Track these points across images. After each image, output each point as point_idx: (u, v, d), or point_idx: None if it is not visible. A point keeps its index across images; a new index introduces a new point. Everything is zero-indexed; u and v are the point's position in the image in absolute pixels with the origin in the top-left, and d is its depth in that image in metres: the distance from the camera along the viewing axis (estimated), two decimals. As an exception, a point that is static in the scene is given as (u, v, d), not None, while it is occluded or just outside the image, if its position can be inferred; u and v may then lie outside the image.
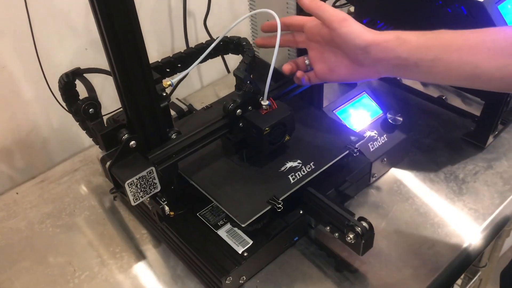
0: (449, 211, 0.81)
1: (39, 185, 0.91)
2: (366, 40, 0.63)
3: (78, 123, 0.79)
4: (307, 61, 0.74)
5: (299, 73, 0.75)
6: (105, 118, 0.77)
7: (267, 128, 0.68)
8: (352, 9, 1.28)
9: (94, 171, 0.93)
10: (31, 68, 0.93)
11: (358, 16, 1.01)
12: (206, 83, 1.20)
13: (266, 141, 0.70)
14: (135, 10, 0.58)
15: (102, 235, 0.81)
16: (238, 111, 0.70)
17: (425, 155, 0.91)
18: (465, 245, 0.75)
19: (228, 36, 0.77)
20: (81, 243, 0.80)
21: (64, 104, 0.77)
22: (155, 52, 1.11)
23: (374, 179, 0.86)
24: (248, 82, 0.69)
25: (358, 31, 0.64)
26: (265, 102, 0.70)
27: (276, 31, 0.69)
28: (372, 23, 0.99)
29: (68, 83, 0.76)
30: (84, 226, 0.82)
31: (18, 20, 0.88)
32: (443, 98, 0.96)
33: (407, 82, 1.03)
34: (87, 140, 0.99)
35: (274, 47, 0.72)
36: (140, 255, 0.77)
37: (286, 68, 0.75)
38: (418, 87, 1.01)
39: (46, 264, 0.77)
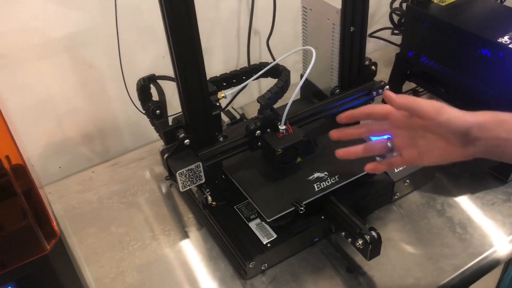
0: (459, 235, 0.89)
1: (111, 168, 1.09)
2: (467, 122, 0.63)
3: (149, 119, 0.95)
4: (389, 145, 0.72)
5: (374, 166, 0.76)
6: (172, 117, 0.92)
7: (279, 150, 0.81)
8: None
9: (157, 161, 1.10)
10: (116, 69, 1.11)
11: (404, 48, 1.11)
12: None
13: (278, 160, 0.82)
14: (199, 38, 0.73)
15: (157, 214, 0.97)
16: (258, 132, 0.82)
17: (449, 181, 0.99)
18: (465, 267, 0.84)
19: (279, 64, 0.90)
20: (139, 218, 0.96)
21: (137, 104, 0.94)
22: (222, 64, 1.26)
23: (396, 197, 0.96)
24: (269, 109, 0.81)
25: (457, 116, 0.63)
26: (282, 127, 0.82)
27: (355, 120, 0.75)
28: (417, 56, 1.08)
29: (144, 86, 0.93)
30: (143, 205, 0.99)
31: (111, 28, 1.06)
32: (475, 132, 1.04)
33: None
34: (155, 135, 1.15)
35: (350, 139, 0.76)
36: (185, 235, 0.92)
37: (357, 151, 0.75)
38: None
39: (108, 232, 0.94)
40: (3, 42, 0.98)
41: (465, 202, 0.95)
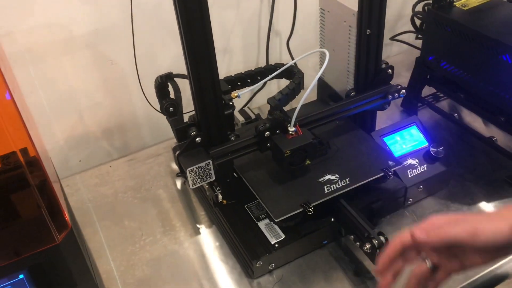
0: (472, 242, 0.87)
1: (128, 163, 1.11)
2: (505, 234, 0.58)
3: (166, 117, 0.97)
4: (429, 265, 0.64)
5: None
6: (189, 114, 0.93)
7: (288, 151, 0.80)
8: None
9: (173, 158, 1.11)
10: (138, 67, 1.13)
11: (425, 52, 1.09)
12: (282, 96, 1.34)
13: (286, 162, 0.82)
14: (212, 37, 0.74)
15: (169, 210, 0.98)
16: (267, 133, 0.82)
17: (464, 189, 0.97)
18: (476, 277, 0.82)
19: (294, 66, 0.90)
20: (152, 214, 0.98)
21: (154, 100, 0.96)
22: (242, 64, 1.27)
23: (409, 203, 0.95)
24: (279, 111, 0.81)
25: (494, 232, 0.59)
26: (291, 128, 0.82)
27: (393, 260, 0.65)
28: (437, 60, 1.07)
29: (161, 83, 0.94)
30: (156, 201, 1.00)
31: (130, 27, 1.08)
32: (494, 139, 1.02)
33: (466, 120, 1.10)
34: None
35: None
36: (195, 232, 0.94)
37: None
38: (476, 126, 1.07)
39: (121, 226, 0.95)
40: (29, 37, 1.01)
41: (480, 210, 0.93)
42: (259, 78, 0.92)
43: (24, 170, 0.67)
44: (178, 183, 1.04)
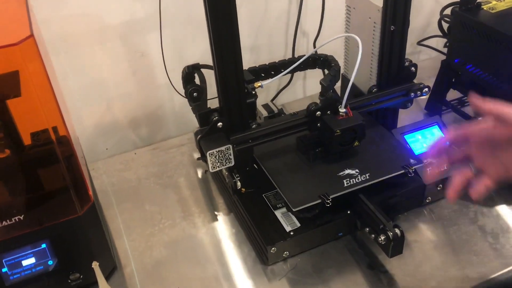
0: (490, 244, 0.87)
1: (152, 151, 1.14)
2: None
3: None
4: (473, 169, 0.68)
5: (454, 193, 0.70)
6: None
7: (338, 131, 0.82)
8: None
9: (196, 148, 1.13)
10: (166, 59, 1.16)
11: (451, 54, 1.09)
12: (308, 94, 1.36)
13: (336, 142, 0.84)
14: (237, 26, 0.76)
15: (189, 197, 1.00)
16: (318, 112, 0.85)
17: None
18: (492, 276, 0.81)
19: (317, 53, 0.92)
20: (172, 199, 1.00)
21: (180, 90, 0.99)
22: (267, 62, 1.29)
23: (427, 201, 0.94)
24: (331, 91, 0.83)
25: None
26: (342, 110, 0.84)
27: (442, 145, 0.71)
28: (463, 63, 1.07)
29: (188, 73, 0.97)
30: (177, 188, 1.03)
31: (163, 19, 1.11)
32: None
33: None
34: (197, 124, 1.20)
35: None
36: (213, 218, 0.95)
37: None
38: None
39: (142, 209, 0.98)
40: (65, 25, 1.05)
41: (500, 212, 0.92)
42: (282, 70, 0.94)
43: (54, 145, 0.71)
44: (199, 172, 1.07)
